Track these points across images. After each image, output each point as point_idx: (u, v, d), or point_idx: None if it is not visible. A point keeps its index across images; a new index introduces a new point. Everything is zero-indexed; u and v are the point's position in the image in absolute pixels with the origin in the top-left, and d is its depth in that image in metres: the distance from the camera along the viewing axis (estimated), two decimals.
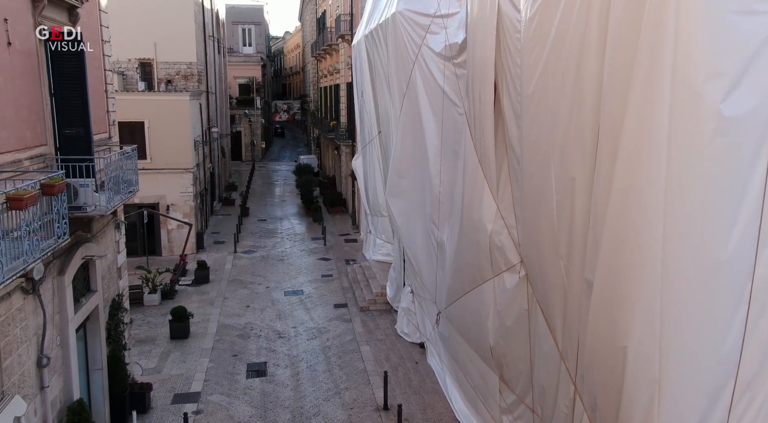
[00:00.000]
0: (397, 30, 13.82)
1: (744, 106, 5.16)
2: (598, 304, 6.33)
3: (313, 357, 14.75)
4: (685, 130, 5.29)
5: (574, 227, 6.78)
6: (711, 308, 5.53)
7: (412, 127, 13.90)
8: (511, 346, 9.24)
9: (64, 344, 8.74)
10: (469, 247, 10.26)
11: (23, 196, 6.03)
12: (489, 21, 8.76)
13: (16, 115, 7.56)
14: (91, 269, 10.07)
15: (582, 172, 6.51)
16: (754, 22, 5.08)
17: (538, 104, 7.26)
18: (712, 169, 5.27)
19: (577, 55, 6.38)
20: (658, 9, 5.26)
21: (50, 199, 6.86)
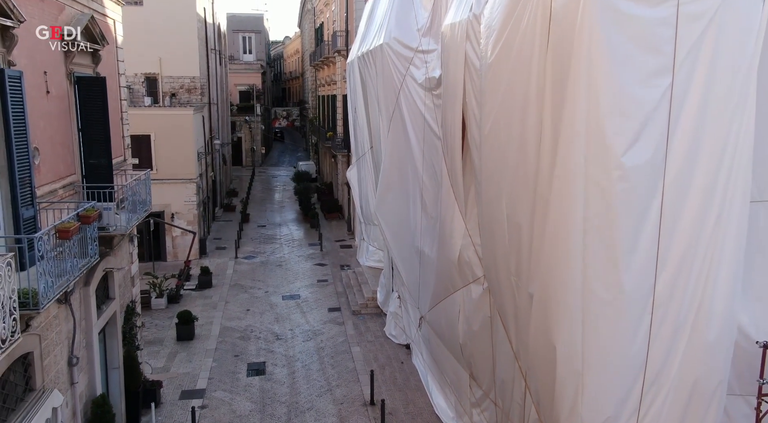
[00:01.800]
0: (384, 59, 15.16)
1: (641, 157, 6.52)
2: (537, 313, 7.67)
3: (308, 357, 16.09)
4: (597, 177, 6.63)
5: (521, 249, 8.12)
6: (620, 318, 6.88)
7: (398, 148, 15.23)
8: (477, 347, 10.59)
9: (89, 346, 10.08)
10: (444, 259, 11.61)
11: (69, 228, 7.37)
12: (458, 65, 10.08)
13: (53, 152, 8.92)
14: (110, 279, 11.42)
15: (525, 205, 7.84)
16: (649, 93, 6.44)
17: (492, 144, 8.60)
18: (617, 206, 6.63)
19: (521, 108, 7.71)
20: (575, 81, 6.60)
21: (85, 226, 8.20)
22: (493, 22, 8.24)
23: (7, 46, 7.33)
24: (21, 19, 7.37)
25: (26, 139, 7.57)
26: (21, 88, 7.51)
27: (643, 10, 6.31)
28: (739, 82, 6.55)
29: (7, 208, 7.33)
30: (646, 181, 6.57)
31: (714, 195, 6.77)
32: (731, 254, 6.94)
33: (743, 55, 6.50)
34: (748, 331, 7.29)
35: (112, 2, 12.24)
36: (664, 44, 6.39)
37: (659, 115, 6.53)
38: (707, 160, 6.69)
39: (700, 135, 6.63)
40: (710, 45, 6.45)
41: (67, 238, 7.36)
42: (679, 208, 6.78)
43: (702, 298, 7.00)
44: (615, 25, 6.33)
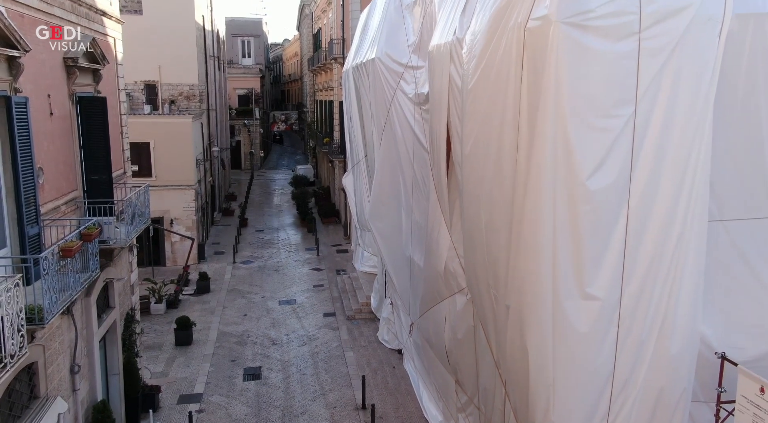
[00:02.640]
0: (376, 73, 15.62)
1: (605, 181, 6.99)
2: (512, 324, 8.13)
3: (302, 362, 16.56)
4: (564, 198, 7.09)
5: (498, 263, 8.57)
6: (588, 330, 7.34)
7: (389, 158, 15.69)
8: (462, 355, 11.05)
9: (90, 354, 10.54)
10: (431, 269, 12.07)
11: (71, 247, 7.84)
12: (443, 84, 10.54)
13: (56, 170, 9.38)
14: (110, 289, 11.88)
15: (502, 223, 8.29)
16: (612, 122, 6.91)
17: (472, 163, 9.06)
18: (583, 226, 7.09)
19: (498, 132, 8.15)
20: (544, 109, 7.05)
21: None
22: (474, 49, 8.71)
23: (14, 75, 7.79)
24: (27, 48, 7.84)
25: (31, 161, 8.04)
26: (26, 113, 7.97)
27: (607, 45, 6.77)
28: (698, 110, 7.00)
29: (13, 226, 7.80)
30: (610, 203, 7.03)
31: (675, 215, 7.22)
32: (692, 270, 7.40)
33: (701, 85, 6.96)
34: (710, 342, 7.73)
35: (113, 21, 12.69)
36: (627, 77, 6.85)
37: (622, 142, 6.99)
38: (668, 184, 7.14)
39: (662, 160, 7.09)
40: (670, 77, 6.91)
41: (70, 256, 7.83)
42: (643, 228, 7.24)
43: (666, 312, 7.46)
44: (581, 59, 6.79)
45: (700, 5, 6.81)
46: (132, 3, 28.94)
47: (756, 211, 7.58)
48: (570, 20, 6.70)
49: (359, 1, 26.82)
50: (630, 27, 6.75)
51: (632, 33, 6.77)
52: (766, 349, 7.80)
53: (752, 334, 7.79)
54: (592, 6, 6.71)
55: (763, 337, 7.81)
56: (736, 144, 7.42)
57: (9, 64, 7.69)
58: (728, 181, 7.51)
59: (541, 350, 7.58)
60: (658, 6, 6.76)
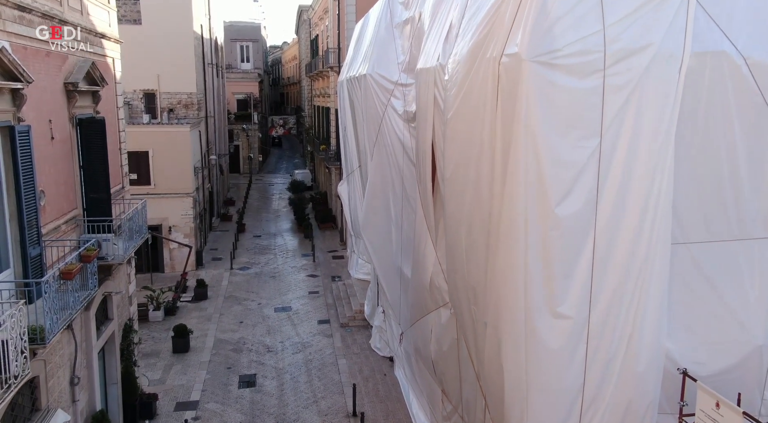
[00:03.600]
0: (368, 89, 16.08)
1: (572, 208, 7.43)
2: (489, 340, 8.58)
3: (296, 369, 17.01)
4: (535, 224, 7.54)
5: (477, 282, 9.02)
6: (558, 347, 7.78)
7: (381, 171, 16.14)
8: (446, 366, 11.49)
9: (89, 365, 10.99)
10: (418, 282, 12.52)
11: (71, 269, 8.28)
12: (428, 106, 10.98)
13: (57, 191, 9.83)
14: (108, 301, 12.33)
15: (480, 244, 8.74)
16: (579, 153, 7.35)
17: (453, 186, 9.51)
18: (552, 250, 7.53)
19: (476, 159, 8.58)
20: (516, 141, 7.50)
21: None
22: (454, 77, 9.17)
23: (17, 105, 8.24)
24: (29, 80, 8.29)
25: (33, 187, 8.48)
26: (29, 141, 8.42)
27: (573, 82, 7.22)
28: (660, 141, 7.45)
29: (16, 248, 8.24)
30: (578, 228, 7.47)
31: (640, 239, 7.66)
32: (657, 290, 7.85)
33: (663, 118, 7.40)
34: (674, 357, 8.17)
35: (111, 42, 13.14)
36: (593, 111, 7.29)
37: (589, 172, 7.43)
38: (633, 210, 7.58)
39: (626, 188, 7.53)
40: (633, 111, 7.35)
41: (70, 279, 8.28)
42: (610, 251, 7.68)
43: (632, 330, 7.90)
44: (549, 95, 7.24)
45: (661, 44, 7.26)
46: (131, 13, 29.45)
47: (717, 235, 8.02)
48: (539, 59, 7.15)
49: (354, 12, 27.29)
50: (595, 65, 7.20)
51: (597, 70, 7.21)
52: (727, 363, 8.25)
53: (714, 349, 8.23)
54: (559, 45, 7.16)
55: (724, 352, 8.25)
56: (697, 172, 7.86)
57: (12, 95, 8.14)
58: (691, 207, 7.94)
59: (515, 365, 8.03)
60: (621, 45, 7.20)
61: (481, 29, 8.50)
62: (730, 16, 7.53)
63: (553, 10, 7.19)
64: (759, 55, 7.50)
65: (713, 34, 7.49)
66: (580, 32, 7.19)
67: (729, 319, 8.25)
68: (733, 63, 7.49)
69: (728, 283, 8.19)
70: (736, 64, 7.49)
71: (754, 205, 8.01)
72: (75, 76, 10.40)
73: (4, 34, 8.02)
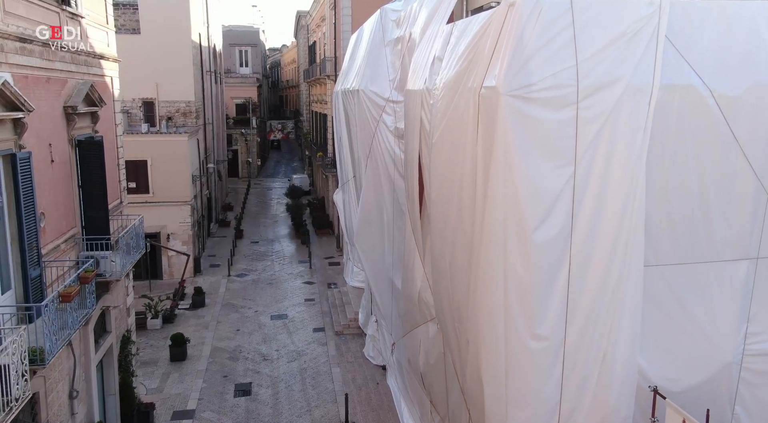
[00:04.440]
0: (361, 103, 16.44)
1: (549, 234, 7.80)
2: (471, 357, 8.94)
3: (291, 378, 17.36)
4: (513, 248, 7.90)
5: (460, 300, 9.39)
6: (536, 364, 8.15)
7: (374, 184, 16.49)
8: (434, 378, 11.86)
9: (87, 378, 11.35)
10: (407, 296, 12.88)
11: (70, 292, 8.65)
12: (415, 128, 11.34)
13: (57, 212, 10.19)
14: (107, 315, 12.69)
15: (463, 265, 9.11)
16: (554, 181, 7.71)
17: (437, 208, 9.88)
18: (530, 273, 7.90)
19: (459, 183, 8.94)
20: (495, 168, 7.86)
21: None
22: (438, 103, 9.54)
23: (18, 133, 8.60)
24: (30, 109, 8.65)
25: (34, 210, 8.85)
26: (30, 166, 8.78)
27: (548, 114, 7.58)
28: (631, 169, 7.81)
29: (17, 270, 8.60)
30: (554, 253, 7.83)
31: (613, 262, 8.03)
32: (630, 310, 8.22)
33: (634, 147, 7.77)
34: (647, 374, 8.54)
35: (110, 61, 13.50)
36: (567, 141, 7.65)
37: (564, 199, 7.79)
38: (607, 234, 7.94)
39: (600, 214, 7.89)
40: (606, 140, 7.72)
41: (69, 301, 8.64)
42: (584, 273, 8.04)
43: (606, 348, 8.27)
44: (525, 126, 7.60)
45: (631, 78, 7.63)
46: (131, 22, 29.84)
47: (688, 257, 8.40)
48: (514, 93, 7.51)
49: (350, 23, 27.67)
50: (568, 98, 7.56)
51: (570, 103, 7.58)
52: (697, 380, 8.64)
53: (686, 366, 8.61)
54: (534, 80, 7.52)
55: (695, 369, 8.64)
56: (668, 198, 8.22)
57: (14, 124, 8.50)
58: (663, 231, 8.31)
59: (495, 382, 8.39)
60: (593, 79, 7.57)
61: (463, 59, 8.88)
62: (697, 50, 7.90)
63: (529, 46, 7.56)
64: (724, 88, 7.88)
65: (681, 68, 7.86)
66: (554, 67, 7.55)
67: (699, 337, 8.63)
68: (699, 95, 7.87)
69: (699, 303, 8.58)
70: (702, 97, 7.86)
71: (722, 229, 8.39)
72: (74, 99, 10.76)
73: (7, 66, 8.38)
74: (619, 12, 7.73)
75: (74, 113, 10.74)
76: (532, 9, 7.57)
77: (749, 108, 7.99)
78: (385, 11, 16.35)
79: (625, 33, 7.68)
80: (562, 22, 7.59)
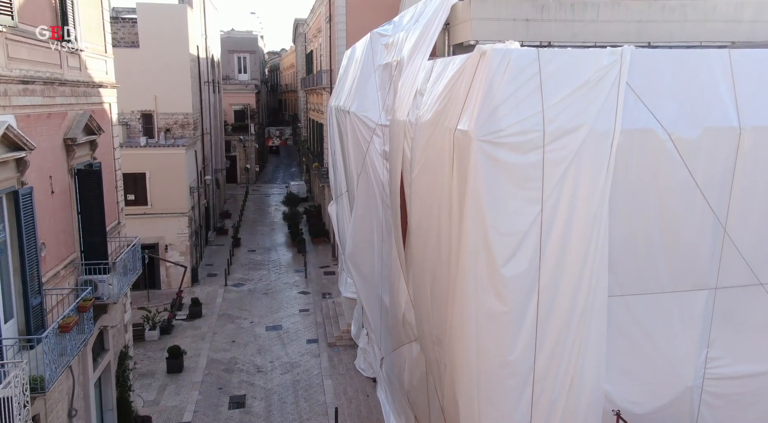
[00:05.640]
0: (352, 125, 16.97)
1: (518, 269, 8.32)
2: (448, 381, 9.47)
3: (284, 390, 17.89)
4: (484, 280, 8.42)
5: (440, 326, 9.90)
6: (506, 390, 8.66)
7: (366, 203, 17.00)
8: (417, 397, 12.38)
9: (86, 396, 11.87)
10: (393, 315, 13.41)
11: (69, 323, 9.18)
12: (398, 157, 11.86)
13: (57, 240, 10.72)
14: (105, 334, 13.21)
15: (441, 292, 9.64)
16: (522, 219, 8.23)
17: (417, 237, 10.40)
18: (500, 304, 8.42)
19: (437, 217, 9.47)
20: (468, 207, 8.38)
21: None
22: (418, 139, 10.07)
23: (21, 170, 9.13)
24: (32, 147, 9.18)
25: (35, 242, 9.37)
26: (31, 201, 9.31)
27: (516, 157, 8.10)
28: (595, 207, 8.33)
29: (19, 300, 9.12)
30: (522, 285, 8.35)
31: (579, 293, 8.55)
32: (596, 338, 8.74)
33: (597, 187, 8.28)
34: (613, 398, 9.06)
35: (108, 89, 14.02)
36: (534, 182, 8.17)
37: (531, 236, 8.31)
38: (572, 268, 8.47)
39: (566, 249, 8.41)
40: (570, 181, 8.24)
41: (68, 331, 9.17)
42: (552, 305, 8.56)
43: (573, 374, 8.79)
44: (495, 169, 8.11)
45: (594, 123, 8.15)
46: (130, 35, 30.43)
47: (650, 288, 8.92)
48: (485, 138, 8.03)
49: (345, 37, 28.20)
50: (535, 142, 8.08)
51: (537, 147, 8.10)
52: (661, 403, 9.18)
53: (649, 390, 9.15)
54: (503, 126, 8.04)
55: (657, 393, 9.17)
56: (632, 233, 8.74)
57: (17, 162, 9.03)
58: (626, 264, 8.82)
59: (469, 405, 8.92)
60: (558, 125, 8.09)
61: (441, 99, 9.41)
62: (656, 96, 8.42)
63: (498, 94, 8.08)
64: (681, 131, 8.40)
65: (641, 112, 8.38)
66: (522, 113, 8.08)
67: (662, 363, 9.16)
68: (659, 138, 8.39)
69: (661, 331, 9.11)
70: (661, 140, 8.38)
71: (682, 261, 8.91)
72: (74, 131, 11.28)
73: (11, 108, 8.91)
74: (583, 61, 8.27)
75: (74, 144, 11.26)
76: (501, 59, 8.10)
77: (705, 149, 8.52)
78: (375, 36, 16.86)
79: (588, 81, 8.21)
80: (529, 72, 8.11)
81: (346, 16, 28.26)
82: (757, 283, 9.08)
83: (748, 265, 8.94)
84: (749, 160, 8.64)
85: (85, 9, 12.37)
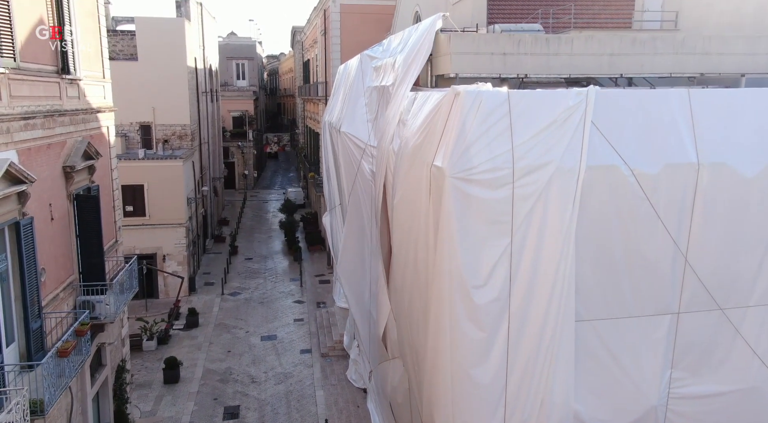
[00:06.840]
0: (344, 143, 17.50)
1: (489, 296, 8.85)
2: (425, 397, 9.99)
3: (277, 401, 18.41)
4: (457, 307, 8.95)
5: (418, 345, 10.43)
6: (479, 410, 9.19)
7: (357, 219, 17.52)
8: (402, 414, 12.90)
9: (84, 412, 12.39)
10: (378, 331, 13.93)
11: (67, 348, 9.71)
12: (382, 179, 12.40)
13: (56, 264, 11.25)
14: (102, 350, 13.73)
15: (419, 315, 10.16)
16: (492, 250, 8.76)
17: (398, 259, 10.93)
18: (473, 329, 8.94)
19: (414, 244, 10.02)
20: (441, 238, 8.91)
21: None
22: (399, 169, 10.60)
23: (22, 202, 9.65)
24: (33, 180, 9.71)
25: (36, 269, 9.90)
26: (32, 230, 9.84)
27: (487, 193, 8.63)
28: (562, 238, 8.86)
29: (20, 324, 9.65)
30: (494, 312, 8.89)
31: (548, 319, 9.08)
32: (564, 360, 9.28)
33: (564, 220, 8.82)
34: (582, 417, 9.60)
35: (106, 112, 14.54)
36: (504, 216, 8.71)
37: (502, 266, 8.85)
38: (541, 295, 9.00)
39: (535, 278, 8.95)
40: (539, 215, 8.78)
41: (66, 356, 9.70)
42: (522, 328, 9.09)
43: (544, 395, 9.33)
44: (467, 203, 8.65)
45: (560, 160, 8.69)
46: (128, 48, 30.93)
47: (616, 313, 9.46)
48: (458, 175, 8.57)
49: (339, 51, 28.76)
50: (505, 179, 8.62)
51: (507, 183, 8.63)
52: (626, 421, 9.72)
53: (616, 409, 9.69)
54: (475, 163, 8.58)
55: (624, 411, 9.71)
56: (598, 262, 9.28)
57: (18, 195, 9.55)
58: (593, 291, 9.36)
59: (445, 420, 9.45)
60: (527, 162, 8.63)
61: (420, 133, 9.94)
62: (619, 134, 8.96)
63: (470, 133, 8.63)
64: (643, 167, 8.95)
65: (605, 150, 8.92)
66: (493, 152, 8.62)
67: (628, 383, 9.69)
68: (622, 174, 8.93)
69: (627, 353, 9.64)
70: (624, 175, 8.93)
71: (646, 287, 9.45)
72: (72, 158, 11.81)
73: (13, 144, 9.43)
74: (550, 101, 8.81)
75: (72, 171, 11.78)
76: (473, 100, 8.64)
77: (665, 184, 9.06)
78: (365, 58, 17.39)
79: (555, 120, 8.75)
80: (500, 112, 8.66)
81: (341, 30, 28.81)
82: (717, 308, 9.61)
83: (708, 291, 9.48)
84: (708, 194, 9.18)
85: (84, 37, 12.88)
